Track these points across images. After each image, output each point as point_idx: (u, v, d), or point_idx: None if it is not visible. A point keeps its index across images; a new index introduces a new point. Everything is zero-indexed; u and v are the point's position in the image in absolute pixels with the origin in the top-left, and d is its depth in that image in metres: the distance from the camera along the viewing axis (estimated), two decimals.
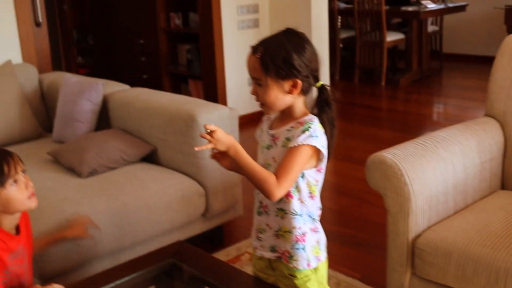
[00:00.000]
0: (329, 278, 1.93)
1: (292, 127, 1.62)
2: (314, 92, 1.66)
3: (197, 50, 5.24)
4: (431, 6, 6.36)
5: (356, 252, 2.89)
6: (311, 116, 1.62)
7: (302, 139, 1.56)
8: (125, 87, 3.30)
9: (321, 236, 1.70)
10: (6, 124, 3.23)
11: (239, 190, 2.87)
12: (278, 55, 1.56)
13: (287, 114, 1.65)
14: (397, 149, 2.00)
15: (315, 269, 1.69)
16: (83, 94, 3.08)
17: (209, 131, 1.58)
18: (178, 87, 5.73)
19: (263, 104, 1.63)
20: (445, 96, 6.25)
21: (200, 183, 2.69)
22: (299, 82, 1.58)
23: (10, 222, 1.77)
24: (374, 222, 3.17)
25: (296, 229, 1.65)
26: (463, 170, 2.09)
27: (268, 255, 1.73)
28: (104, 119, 3.16)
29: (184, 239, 2.71)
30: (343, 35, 7.05)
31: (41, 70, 3.84)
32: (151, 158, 2.88)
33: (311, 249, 1.67)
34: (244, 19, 5.11)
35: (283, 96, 1.59)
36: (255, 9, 5.17)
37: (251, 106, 5.28)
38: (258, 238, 1.73)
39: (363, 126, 5.20)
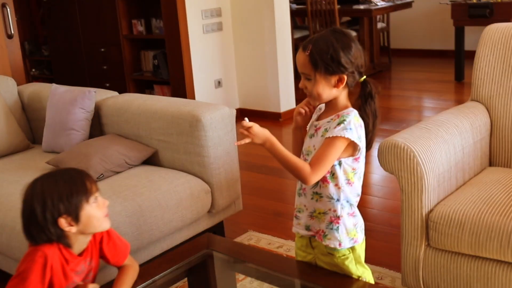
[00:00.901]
0: None
1: (331, 119, 1.77)
2: None
3: (163, 56, 5.31)
4: (381, 3, 6.67)
5: None
6: (349, 110, 1.77)
7: (336, 131, 1.71)
8: (114, 93, 3.36)
9: (359, 220, 1.85)
10: None
11: (239, 185, 2.99)
12: (326, 53, 1.70)
13: (331, 107, 1.80)
14: (406, 133, 2.18)
15: (352, 249, 1.84)
16: (75, 102, 3.13)
17: (246, 127, 1.71)
18: (142, 93, 5.76)
19: (310, 95, 1.77)
20: (400, 89, 6.56)
21: (205, 180, 2.80)
22: (345, 77, 1.73)
23: (80, 245, 1.77)
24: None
25: (331, 211, 1.80)
26: (461, 149, 2.29)
27: (303, 232, 1.88)
28: (94, 126, 3.21)
29: (192, 236, 2.82)
30: (296, 35, 7.26)
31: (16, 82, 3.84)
32: (150, 160, 2.96)
33: (346, 232, 1.81)
34: (208, 23, 5.22)
35: (329, 90, 1.74)
36: (218, 12, 5.29)
37: None
38: (296, 217, 1.89)
39: None
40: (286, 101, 5.45)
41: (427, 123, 2.29)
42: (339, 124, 1.72)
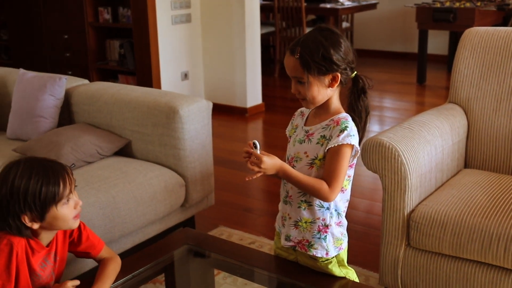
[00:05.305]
0: None
1: (327, 125, 1.71)
2: None
3: (130, 45, 5.20)
4: (347, 3, 6.72)
5: None
6: (344, 114, 1.72)
7: (341, 138, 1.65)
8: (85, 81, 3.26)
9: (344, 229, 1.82)
10: None
11: (213, 180, 2.94)
12: (317, 53, 1.63)
13: (323, 110, 1.74)
14: (390, 133, 2.18)
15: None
16: (45, 89, 3.02)
17: (257, 162, 1.61)
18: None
19: (304, 99, 1.70)
20: None
21: (180, 173, 2.74)
22: (339, 75, 1.67)
23: (47, 237, 1.72)
24: None
25: (320, 220, 1.74)
26: (441, 151, 2.31)
27: (284, 243, 1.81)
28: (63, 114, 3.10)
29: (164, 230, 2.76)
30: (262, 31, 7.23)
31: None
32: (122, 152, 2.88)
33: (333, 241, 1.77)
34: (177, 14, 5.14)
35: (324, 90, 1.68)
36: (187, 4, 5.22)
37: None
38: (283, 225, 1.82)
39: (288, 117, 5.43)
40: (253, 96, 5.42)
41: (410, 123, 2.30)
42: (341, 131, 1.66)
